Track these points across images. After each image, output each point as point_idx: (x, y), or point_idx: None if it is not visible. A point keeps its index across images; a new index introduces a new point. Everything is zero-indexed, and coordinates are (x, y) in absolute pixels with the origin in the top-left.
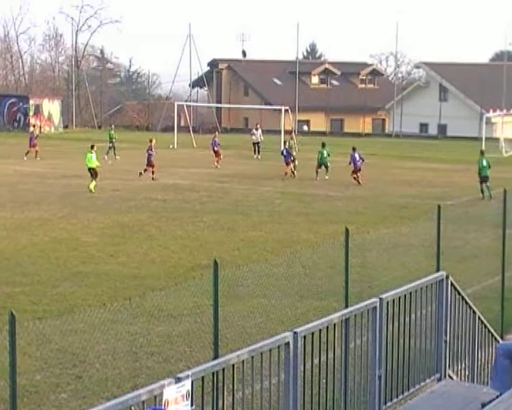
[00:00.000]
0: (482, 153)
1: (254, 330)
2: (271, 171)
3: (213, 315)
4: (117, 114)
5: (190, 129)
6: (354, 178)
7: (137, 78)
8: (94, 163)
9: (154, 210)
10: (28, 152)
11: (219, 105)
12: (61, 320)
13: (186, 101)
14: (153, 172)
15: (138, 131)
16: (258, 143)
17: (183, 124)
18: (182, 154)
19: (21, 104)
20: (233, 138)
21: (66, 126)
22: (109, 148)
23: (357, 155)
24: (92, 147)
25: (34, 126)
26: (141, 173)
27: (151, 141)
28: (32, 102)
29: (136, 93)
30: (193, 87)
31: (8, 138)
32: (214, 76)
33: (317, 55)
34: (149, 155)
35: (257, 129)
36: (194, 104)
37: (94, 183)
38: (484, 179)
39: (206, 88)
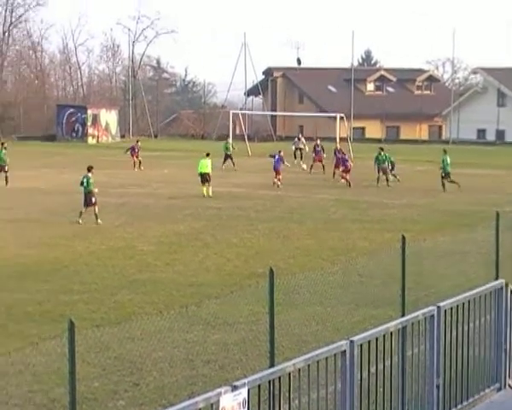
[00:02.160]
0: None
1: (310, 338)
2: (325, 179)
3: (269, 323)
4: (173, 123)
5: (245, 137)
6: (342, 177)
7: (193, 87)
8: (209, 169)
9: (209, 218)
10: (135, 163)
11: (274, 113)
12: (119, 328)
13: (241, 109)
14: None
15: (194, 140)
16: (301, 148)
17: (238, 132)
18: (236, 162)
19: (80, 114)
20: (288, 146)
21: (123, 136)
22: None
23: (345, 156)
24: (208, 155)
25: (138, 141)
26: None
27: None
28: (89, 112)
29: (192, 102)
30: (248, 95)
31: (67, 148)
32: (269, 84)
33: (373, 61)
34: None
35: (299, 138)
36: (249, 112)
37: (210, 188)
38: None
39: (261, 96)
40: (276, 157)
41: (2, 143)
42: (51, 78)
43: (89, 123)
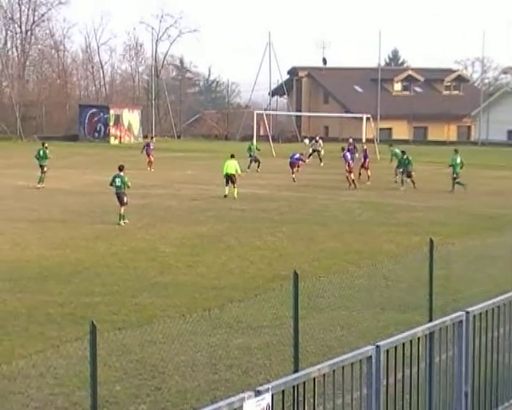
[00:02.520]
0: None
1: (335, 343)
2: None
3: (293, 327)
4: (196, 123)
5: (269, 138)
6: (347, 177)
7: (216, 87)
8: (236, 170)
9: (232, 220)
10: (150, 162)
11: (299, 113)
12: (141, 331)
13: (265, 109)
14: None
15: (217, 141)
16: (318, 150)
17: (262, 133)
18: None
19: (102, 114)
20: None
21: (145, 136)
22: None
23: (348, 154)
24: (233, 156)
25: (152, 138)
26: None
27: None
28: (112, 112)
29: (215, 102)
30: (272, 95)
31: (89, 149)
32: (294, 84)
33: (400, 61)
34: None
35: (316, 140)
36: (274, 113)
37: (235, 190)
38: None
39: (285, 96)
40: (296, 155)
41: (43, 144)
42: (73, 77)
43: (111, 123)
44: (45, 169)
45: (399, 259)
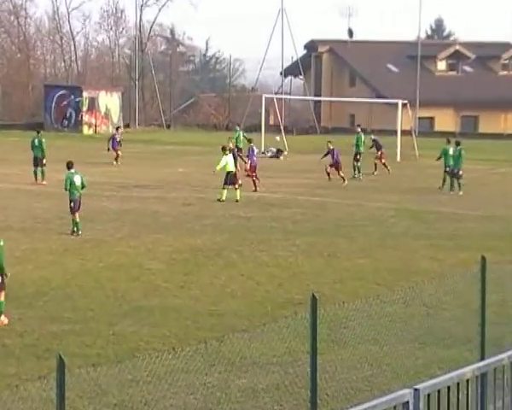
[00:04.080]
0: None
1: (362, 384)
2: (382, 182)
3: (310, 365)
4: (190, 109)
5: (281, 129)
6: (342, 177)
7: (215, 64)
8: (231, 167)
9: (234, 230)
10: (118, 156)
11: (318, 98)
12: (120, 368)
13: (276, 93)
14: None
15: (216, 131)
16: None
17: (272, 122)
18: (270, 160)
19: (73, 97)
20: (335, 141)
21: (127, 125)
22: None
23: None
24: (224, 149)
25: (118, 128)
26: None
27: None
28: (85, 94)
29: (214, 83)
30: (285, 76)
31: (57, 140)
32: (312, 62)
33: (445, 33)
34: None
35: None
36: (287, 97)
37: (238, 191)
38: None
39: (301, 77)
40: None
41: (38, 132)
42: (38, 51)
43: (84, 108)
44: (44, 161)
45: (443, 280)
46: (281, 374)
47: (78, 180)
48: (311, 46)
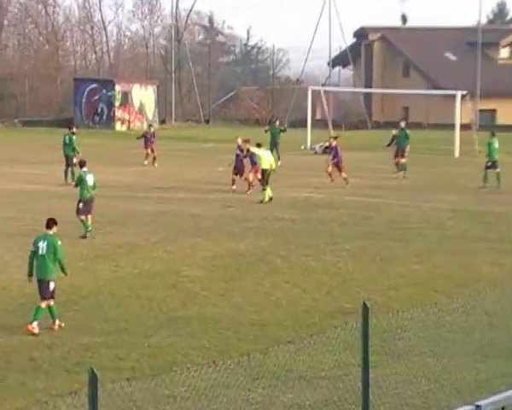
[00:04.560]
0: None
1: (418, 400)
2: (438, 180)
3: (362, 379)
4: (230, 103)
5: (329, 123)
6: (345, 179)
7: (258, 54)
8: (268, 164)
9: (278, 234)
10: (148, 155)
11: (369, 90)
12: (156, 382)
13: (323, 85)
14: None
15: (258, 127)
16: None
17: (318, 117)
18: (317, 157)
19: (104, 91)
20: (387, 136)
21: (162, 121)
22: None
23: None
24: (259, 145)
25: (150, 126)
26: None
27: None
28: (118, 88)
29: (256, 75)
30: (333, 66)
31: (88, 137)
32: (362, 50)
33: (508, 18)
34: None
35: (403, 128)
36: (335, 89)
37: (266, 191)
38: None
39: (350, 67)
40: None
41: (70, 128)
42: (67, 41)
43: (117, 103)
44: (75, 161)
45: (506, 287)
46: (329, 389)
47: (90, 180)
48: (361, 34)
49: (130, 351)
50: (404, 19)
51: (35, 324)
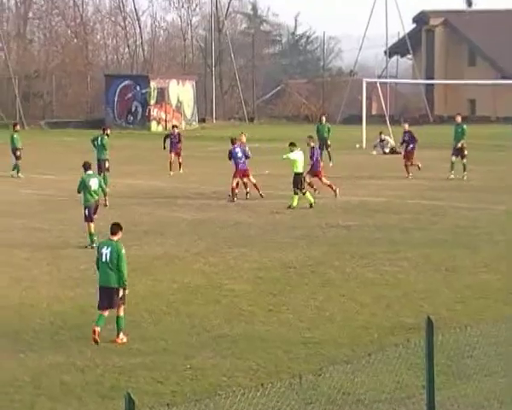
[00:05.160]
0: None
1: None
2: (508, 181)
3: (427, 402)
4: (276, 99)
5: (386, 119)
6: (329, 186)
7: (306, 45)
8: (299, 167)
9: (332, 242)
10: (172, 162)
11: (431, 81)
12: (199, 407)
13: (380, 76)
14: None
15: (308, 124)
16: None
17: (374, 111)
18: (373, 157)
19: (139, 88)
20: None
21: (202, 120)
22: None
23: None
24: (292, 144)
25: (175, 127)
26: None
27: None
28: (153, 84)
29: (305, 67)
30: (390, 56)
31: (121, 138)
32: (423, 37)
33: None
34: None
35: (382, 140)
36: (393, 81)
37: (297, 197)
38: None
39: (410, 56)
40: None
41: (104, 129)
42: (97, 35)
43: (152, 101)
44: (107, 165)
45: None
46: None
47: (94, 184)
48: (422, 19)
49: (170, 373)
50: (469, 1)
51: (121, 334)
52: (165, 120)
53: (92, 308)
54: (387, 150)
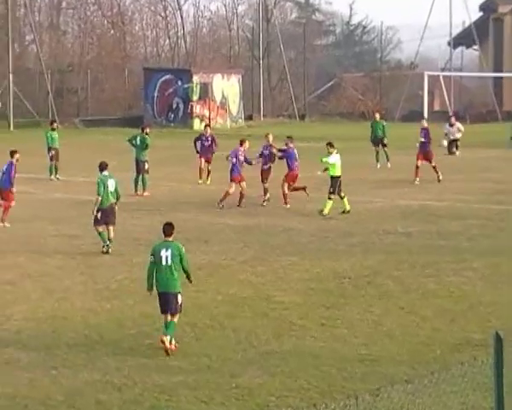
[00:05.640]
0: None
1: None
2: None
3: None
4: (330, 94)
5: (450, 115)
6: (297, 189)
7: (362, 35)
8: (337, 170)
9: (390, 250)
10: (202, 169)
11: (500, 74)
12: None
13: (443, 69)
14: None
15: (364, 122)
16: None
17: (437, 108)
18: (440, 158)
19: (180, 83)
20: None
21: (249, 117)
22: None
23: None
24: (331, 145)
25: (207, 126)
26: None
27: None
28: (196, 79)
29: (361, 60)
30: (454, 47)
31: (161, 138)
32: (491, 26)
33: None
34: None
35: (451, 124)
36: (457, 74)
37: (331, 203)
38: None
39: (476, 47)
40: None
41: (143, 128)
42: (135, 25)
43: (195, 97)
44: (146, 166)
45: None
46: None
47: (111, 185)
48: (489, 6)
49: (215, 393)
50: None
51: (173, 341)
52: (209, 118)
53: (129, 321)
54: (458, 135)
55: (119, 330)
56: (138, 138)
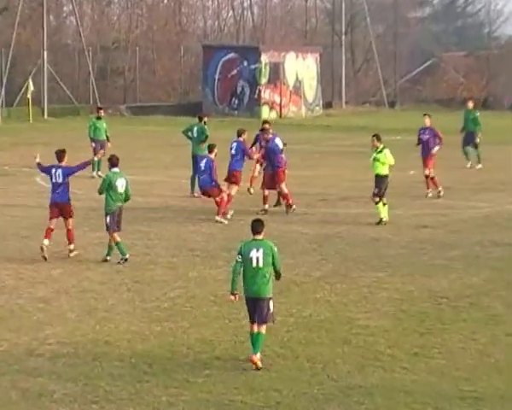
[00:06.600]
0: None
1: None
2: None
3: None
4: (425, 77)
5: None
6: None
7: (465, 6)
8: (385, 168)
9: (498, 266)
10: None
11: None
12: None
13: None
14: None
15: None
16: None
17: None
18: None
19: (246, 64)
20: None
21: (328, 104)
22: None
23: (278, 141)
24: (378, 138)
25: (265, 124)
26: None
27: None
28: (265, 58)
29: (464, 36)
30: None
31: (222, 128)
32: None
33: None
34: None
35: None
36: None
37: (384, 207)
38: None
39: None
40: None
41: (201, 117)
42: None
43: (263, 80)
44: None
45: None
46: None
47: (121, 185)
48: None
49: None
50: None
51: (259, 355)
52: (280, 105)
53: (184, 347)
54: None
55: (172, 357)
56: (195, 129)
